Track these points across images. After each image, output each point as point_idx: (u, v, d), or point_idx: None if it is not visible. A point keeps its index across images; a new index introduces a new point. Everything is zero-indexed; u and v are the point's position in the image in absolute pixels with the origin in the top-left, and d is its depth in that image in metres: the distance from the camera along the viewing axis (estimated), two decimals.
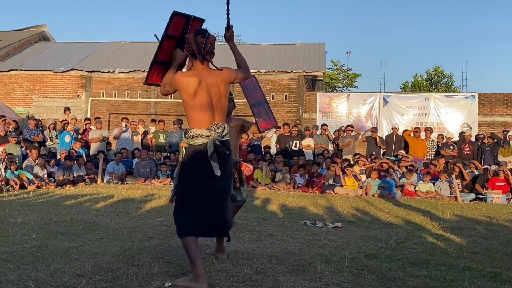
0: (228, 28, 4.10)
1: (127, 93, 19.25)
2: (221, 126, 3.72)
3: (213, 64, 3.83)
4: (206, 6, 72.35)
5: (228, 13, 4.15)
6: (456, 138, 15.03)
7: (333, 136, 14.95)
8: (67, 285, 3.45)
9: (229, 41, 4.10)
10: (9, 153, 12.01)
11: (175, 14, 4.30)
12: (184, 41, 4.19)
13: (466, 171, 12.71)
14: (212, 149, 3.62)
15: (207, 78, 3.72)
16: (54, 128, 14.22)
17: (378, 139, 14.47)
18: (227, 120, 4.67)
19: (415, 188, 12.15)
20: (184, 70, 4.13)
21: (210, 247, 4.71)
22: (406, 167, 12.90)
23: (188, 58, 3.94)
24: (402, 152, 13.94)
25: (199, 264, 3.54)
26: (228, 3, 4.19)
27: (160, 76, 4.42)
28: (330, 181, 12.54)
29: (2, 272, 3.75)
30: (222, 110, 3.80)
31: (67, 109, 16.42)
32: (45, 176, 11.85)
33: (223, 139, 3.74)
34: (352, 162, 13.22)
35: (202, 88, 3.67)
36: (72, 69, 19.56)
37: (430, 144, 14.43)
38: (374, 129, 15.08)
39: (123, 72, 19.29)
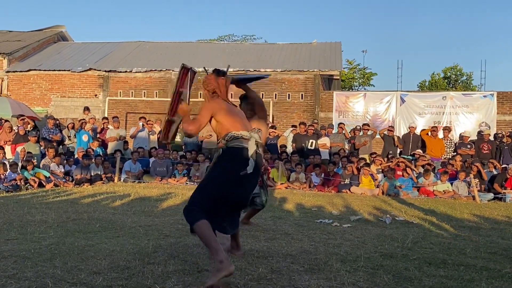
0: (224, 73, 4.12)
1: (144, 92, 19.36)
2: (260, 131, 3.87)
3: (230, 103, 4.00)
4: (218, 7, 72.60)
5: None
6: (474, 137, 14.87)
7: (349, 135, 14.89)
8: (84, 282, 3.48)
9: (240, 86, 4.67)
10: (28, 152, 12.18)
11: (183, 67, 4.42)
12: (184, 91, 4.34)
13: (485, 170, 12.56)
14: (254, 148, 3.71)
15: (232, 106, 3.98)
16: (73, 127, 14.38)
17: (396, 138, 14.38)
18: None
19: (432, 187, 12.04)
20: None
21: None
22: (422, 166, 12.80)
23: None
24: (419, 151, 13.83)
25: (220, 249, 3.41)
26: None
27: (168, 133, 4.51)
28: (347, 181, 12.49)
29: (21, 269, 3.80)
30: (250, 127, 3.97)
31: (86, 109, 16.59)
32: (61, 171, 12.01)
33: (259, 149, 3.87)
34: (368, 161, 13.15)
35: (231, 109, 3.91)
36: (90, 69, 19.74)
37: (448, 144, 14.30)
38: (391, 128, 14.98)
39: (140, 72, 19.40)
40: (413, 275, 3.91)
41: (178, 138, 14.65)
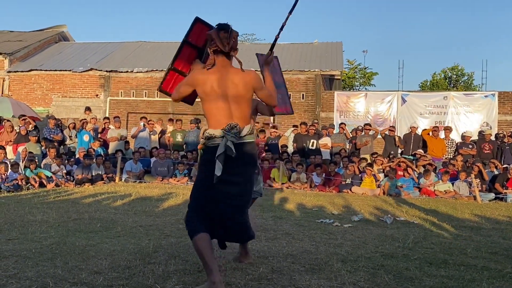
0: (272, 52, 3.94)
1: (145, 92, 19.38)
2: (235, 126, 3.47)
3: (238, 60, 3.61)
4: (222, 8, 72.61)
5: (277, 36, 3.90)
6: (475, 137, 14.86)
7: (351, 135, 14.88)
8: (85, 282, 3.48)
9: (266, 68, 3.95)
10: (30, 152, 12.18)
11: (197, 21, 4.05)
12: (203, 52, 4.04)
13: (486, 170, 12.55)
14: (222, 150, 3.42)
15: (228, 76, 3.53)
16: (74, 127, 14.39)
17: (397, 138, 14.37)
18: None
19: (433, 187, 12.03)
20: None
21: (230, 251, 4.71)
22: (424, 166, 12.79)
23: (205, 56, 3.81)
24: (420, 151, 13.82)
25: (215, 269, 3.25)
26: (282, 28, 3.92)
27: (174, 85, 4.12)
28: (348, 180, 12.48)
29: (21, 268, 3.80)
30: (240, 111, 3.56)
31: (87, 109, 16.60)
32: (64, 171, 12.03)
33: (243, 140, 3.54)
34: (370, 161, 13.14)
35: (220, 85, 3.49)
36: (91, 69, 19.76)
37: (449, 144, 14.29)
38: (392, 128, 14.98)
39: (141, 72, 19.42)
40: (414, 275, 3.91)
41: (179, 138, 14.67)
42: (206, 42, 4.01)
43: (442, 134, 14.72)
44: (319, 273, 3.91)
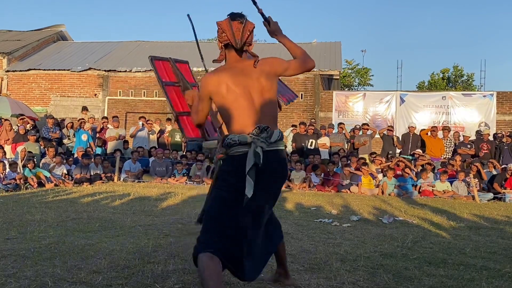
0: (268, 21, 3.25)
1: (144, 92, 19.35)
2: (265, 129, 2.89)
3: (253, 55, 3.06)
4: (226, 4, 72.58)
5: (259, 9, 3.30)
6: (473, 137, 14.87)
7: (349, 135, 14.89)
8: (84, 281, 3.47)
9: (277, 36, 3.23)
10: (29, 151, 12.17)
11: (152, 60, 4.15)
12: (180, 82, 4.08)
13: (484, 170, 12.56)
14: (252, 161, 2.80)
15: (245, 70, 3.00)
16: (71, 127, 14.38)
17: (395, 139, 14.37)
18: None
19: (431, 188, 12.03)
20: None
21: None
22: (422, 166, 12.79)
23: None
24: (419, 151, 13.82)
25: None
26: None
27: (194, 126, 3.92)
28: (347, 180, 12.47)
29: (20, 268, 3.79)
30: (268, 109, 3.01)
31: (84, 108, 16.57)
32: (64, 171, 12.01)
33: (272, 148, 2.94)
34: (368, 161, 13.13)
35: (237, 82, 2.95)
36: (90, 69, 19.72)
37: (447, 143, 14.29)
38: (391, 128, 14.98)
39: (140, 71, 19.38)
40: (413, 275, 3.91)
41: (178, 138, 14.66)
42: (177, 75, 4.04)
43: (440, 134, 14.73)
44: (318, 272, 3.91)
